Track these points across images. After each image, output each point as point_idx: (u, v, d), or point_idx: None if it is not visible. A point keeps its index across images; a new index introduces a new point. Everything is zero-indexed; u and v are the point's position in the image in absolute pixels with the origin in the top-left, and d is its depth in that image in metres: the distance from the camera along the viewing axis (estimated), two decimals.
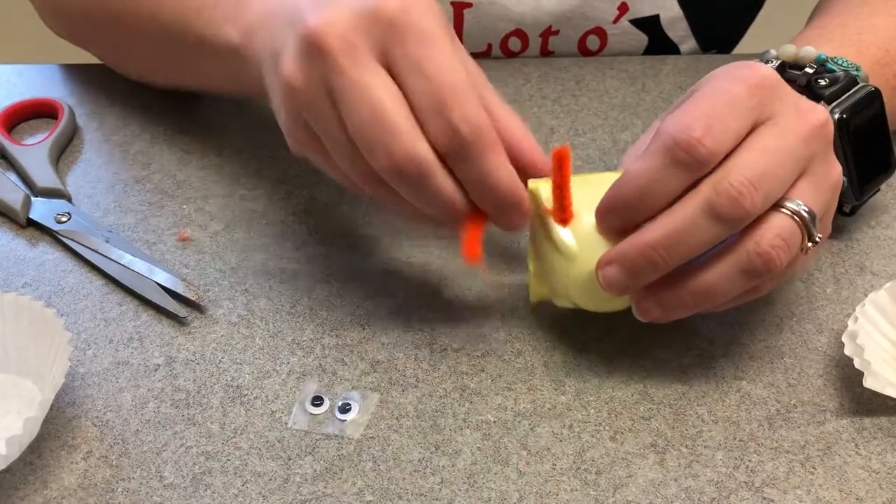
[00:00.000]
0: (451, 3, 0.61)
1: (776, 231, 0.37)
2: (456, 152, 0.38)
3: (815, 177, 0.39)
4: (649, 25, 0.63)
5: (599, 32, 0.63)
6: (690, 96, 0.39)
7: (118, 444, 0.40)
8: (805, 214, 0.38)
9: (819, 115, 0.39)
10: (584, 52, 0.64)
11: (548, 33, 0.62)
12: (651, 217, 0.38)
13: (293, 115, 0.40)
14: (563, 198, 0.40)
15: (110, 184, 0.54)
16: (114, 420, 0.41)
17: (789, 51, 0.47)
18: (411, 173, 0.38)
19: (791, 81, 0.46)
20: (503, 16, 0.61)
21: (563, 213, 0.40)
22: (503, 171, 0.39)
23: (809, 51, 0.47)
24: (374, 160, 0.38)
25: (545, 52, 0.64)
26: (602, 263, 0.39)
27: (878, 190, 0.49)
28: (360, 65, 0.37)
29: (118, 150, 0.56)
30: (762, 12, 0.69)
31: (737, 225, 0.37)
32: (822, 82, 0.45)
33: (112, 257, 0.48)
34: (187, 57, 0.51)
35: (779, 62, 0.47)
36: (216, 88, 0.54)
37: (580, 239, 0.40)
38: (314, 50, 0.37)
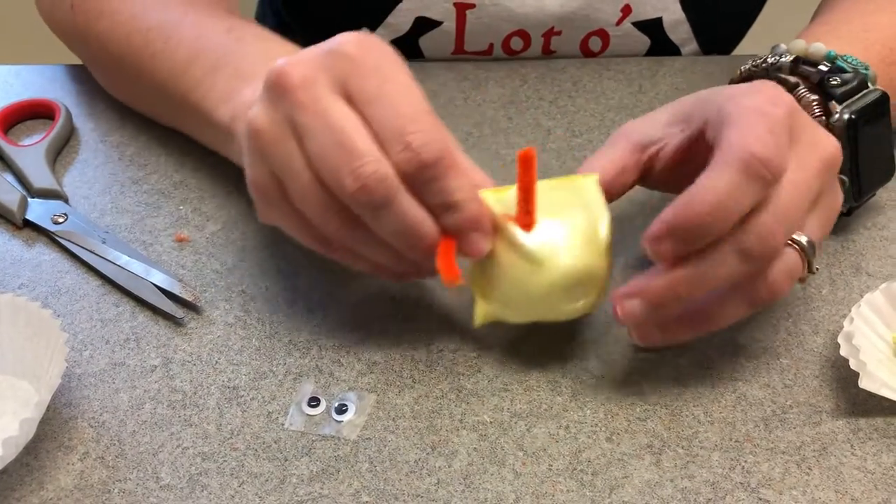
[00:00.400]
0: (454, 4, 0.61)
1: (784, 265, 0.38)
2: (418, 176, 0.37)
3: (823, 210, 0.40)
4: (652, 28, 0.64)
5: (602, 34, 0.63)
6: (726, 105, 0.39)
7: (114, 444, 0.40)
8: (808, 247, 0.39)
9: (831, 147, 0.39)
10: (587, 52, 0.64)
11: (550, 34, 0.63)
12: (718, 236, 0.37)
13: (258, 161, 0.40)
14: (528, 202, 0.39)
15: (107, 185, 0.54)
16: (110, 421, 0.41)
17: (799, 46, 0.48)
18: (378, 194, 0.37)
19: (804, 77, 0.47)
20: (506, 17, 0.61)
21: (528, 217, 0.40)
22: (466, 192, 0.38)
23: (819, 47, 0.47)
24: (339, 186, 0.37)
25: (547, 52, 0.64)
26: (621, 296, 0.39)
27: (875, 192, 0.49)
28: (320, 97, 0.38)
29: (115, 151, 0.56)
30: (760, 14, 0.69)
31: (765, 263, 0.38)
32: (834, 81, 0.46)
33: (109, 258, 0.48)
34: (183, 116, 0.52)
35: (792, 57, 0.47)
36: (211, 147, 0.54)
37: (544, 245, 0.39)
38: (278, 90, 0.38)
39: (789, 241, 0.38)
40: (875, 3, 0.52)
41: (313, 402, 0.42)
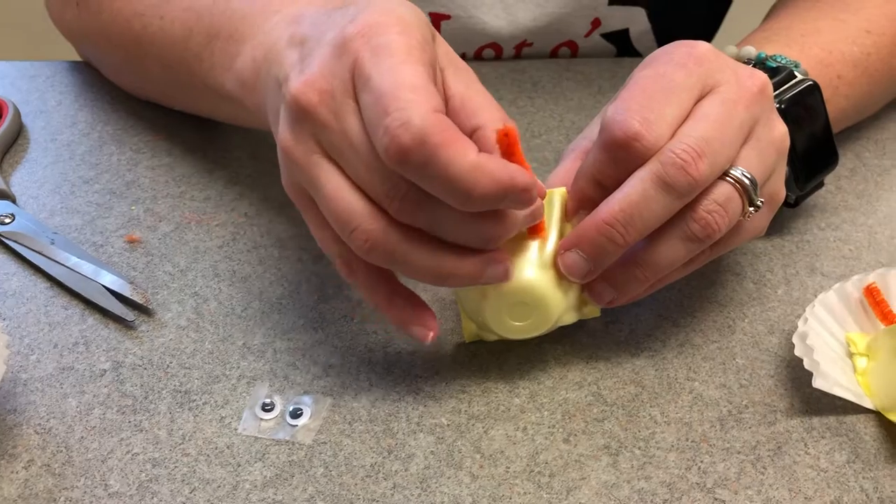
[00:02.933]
0: (430, 14, 0.60)
1: (712, 197, 0.38)
2: (407, 164, 0.33)
3: (759, 142, 0.39)
4: (618, 38, 0.64)
5: (571, 45, 0.64)
6: (630, 81, 0.39)
7: (61, 451, 0.39)
8: (745, 180, 0.38)
9: (758, 80, 0.39)
10: None
11: (522, 45, 0.63)
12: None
13: (289, 177, 0.39)
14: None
15: (56, 185, 0.52)
16: (57, 427, 0.40)
17: (730, 52, 0.48)
18: (419, 212, 0.35)
19: None
20: (480, 30, 0.61)
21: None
22: (470, 161, 0.33)
23: (749, 50, 0.48)
24: (380, 200, 0.36)
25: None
26: (561, 250, 0.39)
27: (822, 184, 0.50)
28: (339, 114, 0.36)
29: (65, 150, 0.55)
30: (727, 24, 0.70)
31: (687, 193, 0.37)
32: None
33: (57, 260, 0.47)
34: (198, 97, 0.51)
35: None
36: (233, 123, 0.53)
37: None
38: (300, 114, 0.37)
39: (724, 177, 0.38)
40: (816, 10, 0.53)
41: (267, 406, 0.41)
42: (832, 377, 0.41)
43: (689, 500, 0.38)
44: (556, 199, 0.40)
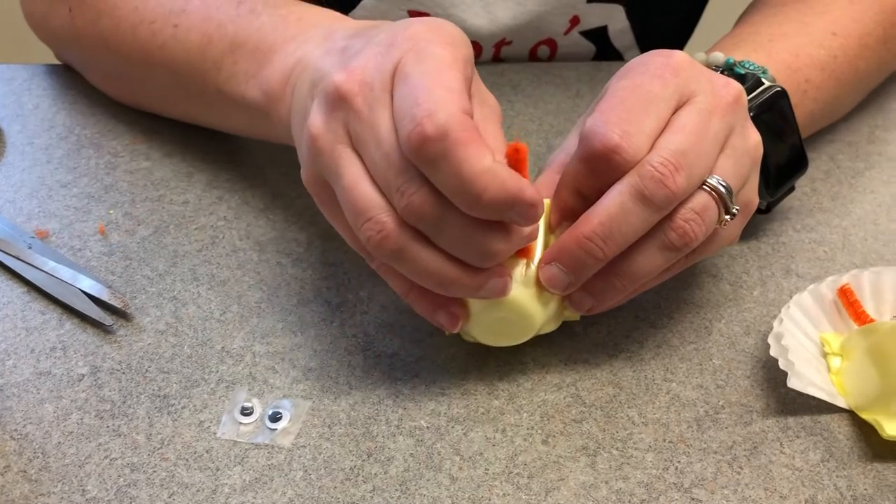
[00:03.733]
0: (409, 12, 0.61)
1: (689, 206, 0.38)
2: (423, 154, 0.34)
3: (734, 151, 0.40)
4: (597, 35, 0.65)
5: (550, 43, 0.64)
6: (608, 92, 0.40)
7: (38, 457, 0.39)
8: (721, 189, 0.39)
9: (733, 89, 0.40)
10: (535, 60, 0.65)
11: (501, 44, 0.63)
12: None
13: (314, 168, 0.39)
14: None
15: (34, 188, 0.52)
16: (34, 433, 0.40)
17: (699, 58, 0.49)
18: (427, 212, 0.35)
19: None
20: (459, 27, 0.61)
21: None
22: (483, 166, 0.34)
23: (717, 56, 0.48)
24: (392, 199, 0.36)
25: (497, 60, 0.65)
26: (541, 263, 0.39)
27: (794, 189, 0.50)
28: (373, 107, 0.36)
29: (42, 153, 0.54)
30: (706, 24, 0.71)
31: (666, 206, 0.37)
32: None
33: (35, 264, 0.47)
34: (208, 105, 0.51)
35: None
36: (239, 134, 0.53)
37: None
38: (337, 102, 0.37)
39: (701, 186, 0.38)
40: (783, 15, 0.54)
41: (246, 410, 0.41)
42: (807, 377, 0.41)
43: (666, 500, 0.38)
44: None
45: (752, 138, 0.41)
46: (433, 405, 0.42)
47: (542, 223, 0.40)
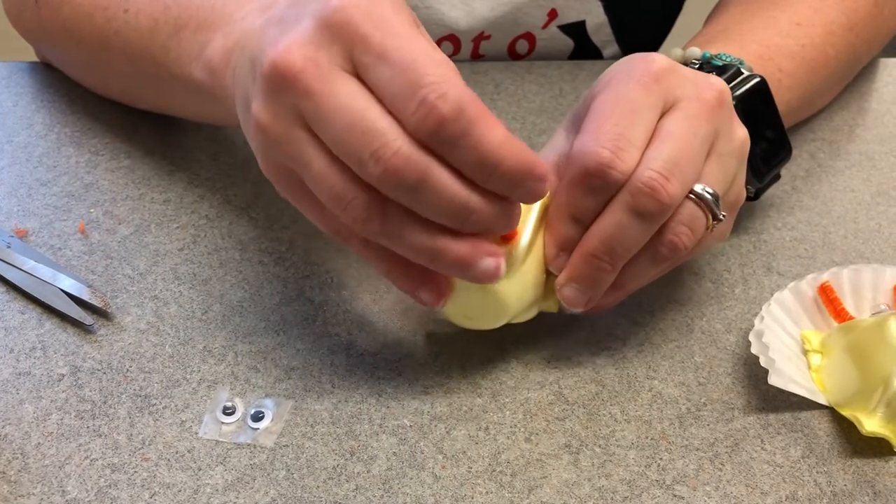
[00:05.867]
0: None
1: (678, 218, 0.39)
2: (442, 134, 0.33)
3: (721, 155, 0.40)
4: (576, 30, 0.65)
5: (529, 37, 0.64)
6: (593, 101, 0.40)
7: (17, 458, 0.39)
8: (709, 197, 0.39)
9: (716, 90, 0.40)
10: (514, 55, 0.65)
11: (480, 38, 0.63)
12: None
13: (271, 157, 0.37)
14: None
15: (13, 187, 0.52)
16: (13, 434, 0.40)
17: (676, 54, 0.49)
18: (408, 174, 0.34)
19: None
20: (437, 20, 0.61)
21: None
22: (500, 137, 0.34)
23: (694, 51, 0.49)
24: (365, 172, 0.34)
25: (476, 56, 0.65)
26: (558, 286, 0.40)
27: (779, 177, 0.51)
28: (327, 80, 0.34)
29: (22, 151, 0.54)
30: (684, 22, 0.71)
31: (660, 217, 0.38)
32: None
33: (14, 263, 0.47)
34: (164, 90, 0.50)
35: None
36: (200, 120, 0.52)
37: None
38: (278, 82, 0.35)
39: (688, 195, 0.39)
40: (748, 12, 0.54)
41: (228, 409, 0.41)
42: (787, 374, 0.42)
43: (648, 496, 0.39)
44: (535, 203, 0.40)
45: (738, 136, 0.41)
46: (416, 404, 0.42)
47: (535, 215, 0.40)
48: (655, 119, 0.39)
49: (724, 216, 0.40)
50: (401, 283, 0.39)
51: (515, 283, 0.40)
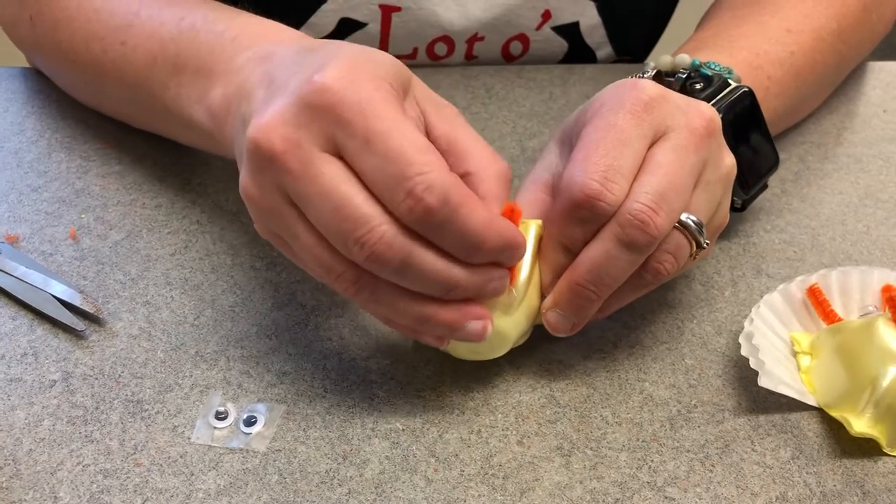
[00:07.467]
0: (380, 6, 0.61)
1: (664, 247, 0.39)
2: (428, 223, 0.35)
3: (708, 184, 0.41)
4: (569, 32, 0.65)
5: (522, 38, 0.64)
6: (583, 129, 0.40)
7: (9, 465, 0.39)
8: (694, 226, 0.40)
9: (705, 119, 0.40)
10: (508, 57, 0.65)
11: (473, 39, 0.63)
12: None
13: (260, 223, 0.39)
14: None
15: (3, 193, 0.52)
16: (5, 440, 0.40)
17: (665, 61, 0.49)
18: (391, 258, 0.35)
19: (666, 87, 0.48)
20: (431, 22, 0.62)
21: None
22: (483, 219, 0.35)
23: (683, 58, 0.49)
24: (350, 255, 0.36)
25: (470, 58, 0.65)
26: (543, 310, 0.41)
27: (766, 186, 0.51)
28: (309, 162, 0.35)
29: (12, 157, 0.54)
30: (678, 24, 0.71)
31: (648, 248, 0.39)
32: (697, 86, 0.47)
33: (5, 269, 0.46)
34: (161, 120, 0.50)
35: (654, 72, 0.49)
36: (196, 148, 0.53)
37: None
38: (261, 161, 0.36)
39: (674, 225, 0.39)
40: (739, 17, 0.55)
41: (221, 414, 0.41)
42: (777, 376, 0.42)
43: (640, 498, 0.39)
44: (531, 230, 0.41)
45: (726, 164, 0.42)
46: (408, 407, 0.42)
47: (531, 243, 0.40)
48: (645, 149, 0.39)
49: (707, 244, 0.41)
50: (402, 330, 0.40)
51: (517, 315, 0.40)
